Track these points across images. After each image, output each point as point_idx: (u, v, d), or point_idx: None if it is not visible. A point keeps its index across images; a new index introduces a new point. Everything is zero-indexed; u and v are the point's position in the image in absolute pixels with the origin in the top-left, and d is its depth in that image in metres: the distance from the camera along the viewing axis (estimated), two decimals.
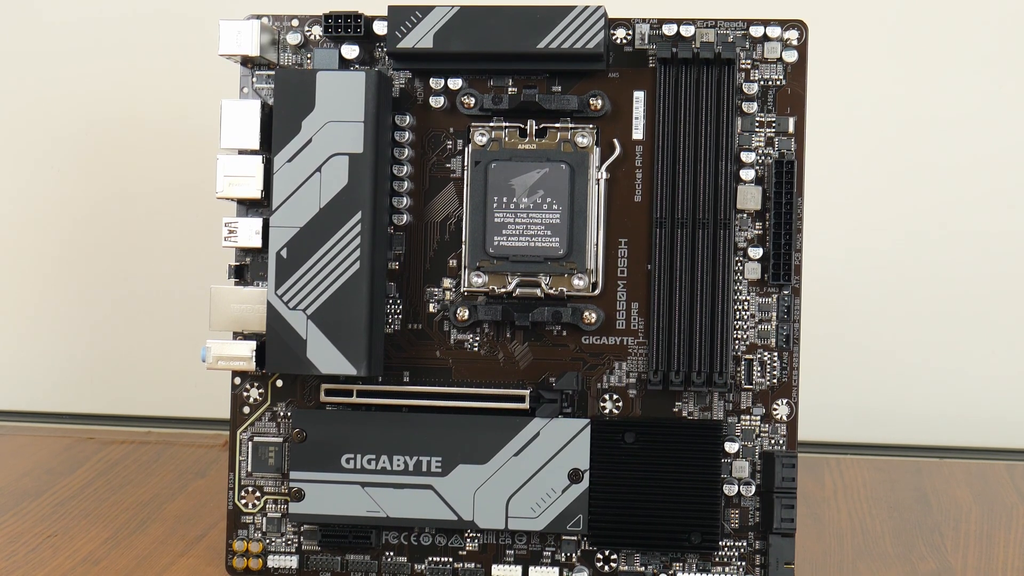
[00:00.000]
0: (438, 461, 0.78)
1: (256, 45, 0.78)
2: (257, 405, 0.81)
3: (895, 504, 0.96)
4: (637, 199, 0.78)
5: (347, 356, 0.76)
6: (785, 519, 0.77)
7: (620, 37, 0.79)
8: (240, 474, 0.81)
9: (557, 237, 0.78)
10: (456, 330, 0.80)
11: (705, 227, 0.77)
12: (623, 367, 0.79)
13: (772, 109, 0.78)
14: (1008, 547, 0.87)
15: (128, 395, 1.20)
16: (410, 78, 0.80)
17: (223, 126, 0.78)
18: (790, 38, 0.78)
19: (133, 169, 1.19)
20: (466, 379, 0.80)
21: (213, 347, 0.79)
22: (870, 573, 0.83)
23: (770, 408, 0.78)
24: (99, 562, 0.83)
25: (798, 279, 0.78)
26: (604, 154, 0.78)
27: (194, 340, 1.09)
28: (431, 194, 0.80)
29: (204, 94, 1.07)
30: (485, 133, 0.78)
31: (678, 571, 0.78)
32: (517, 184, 0.78)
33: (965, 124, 1.12)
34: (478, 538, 0.79)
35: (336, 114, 0.77)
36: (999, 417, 1.13)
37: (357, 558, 0.80)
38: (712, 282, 0.77)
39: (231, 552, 0.81)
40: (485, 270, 0.78)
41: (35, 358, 1.21)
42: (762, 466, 0.78)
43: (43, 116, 1.20)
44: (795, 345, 0.78)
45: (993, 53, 1.12)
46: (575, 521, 0.77)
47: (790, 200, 0.77)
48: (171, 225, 1.19)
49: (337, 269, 0.76)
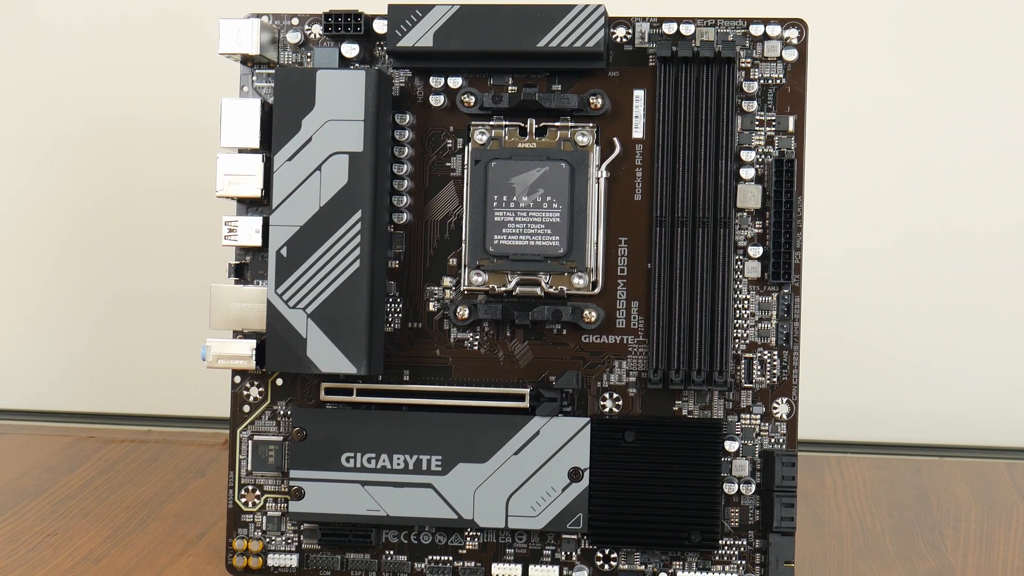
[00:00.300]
0: (438, 460, 0.78)
1: (256, 44, 0.78)
2: (257, 404, 0.81)
3: (895, 503, 0.96)
4: (637, 198, 0.78)
5: (347, 355, 0.76)
6: (785, 518, 0.77)
7: (620, 36, 0.79)
8: (240, 473, 0.81)
9: (557, 236, 0.78)
10: (456, 329, 0.80)
11: (705, 226, 0.77)
12: (623, 366, 0.79)
13: (772, 108, 0.78)
14: (1008, 546, 0.87)
15: (128, 394, 1.20)
16: (410, 77, 0.80)
17: (223, 125, 0.78)
18: (790, 37, 0.78)
19: (133, 168, 1.19)
20: (466, 378, 0.80)
21: (213, 346, 0.79)
22: (870, 572, 0.83)
23: (770, 407, 0.78)
24: (99, 561, 0.83)
25: (798, 278, 0.78)
26: (604, 153, 0.78)
27: (194, 339, 1.09)
28: (431, 193, 0.80)
29: (204, 93, 1.07)
30: (485, 132, 0.78)
31: (678, 570, 0.78)
32: (517, 183, 0.78)
33: (965, 123, 1.12)
34: (478, 537, 0.79)
35: (336, 113, 0.77)
36: (999, 416, 1.13)
37: (357, 557, 0.80)
38: (712, 281, 0.77)
39: (231, 551, 0.81)
40: (485, 269, 0.78)
41: (35, 357, 1.21)
42: (762, 465, 0.78)
43: (43, 115, 1.20)
44: (795, 344, 0.78)
45: (993, 52, 1.12)
46: (575, 520, 0.77)
47: (790, 199, 0.77)
48: (171, 224, 1.19)
49: (337, 268, 0.76)
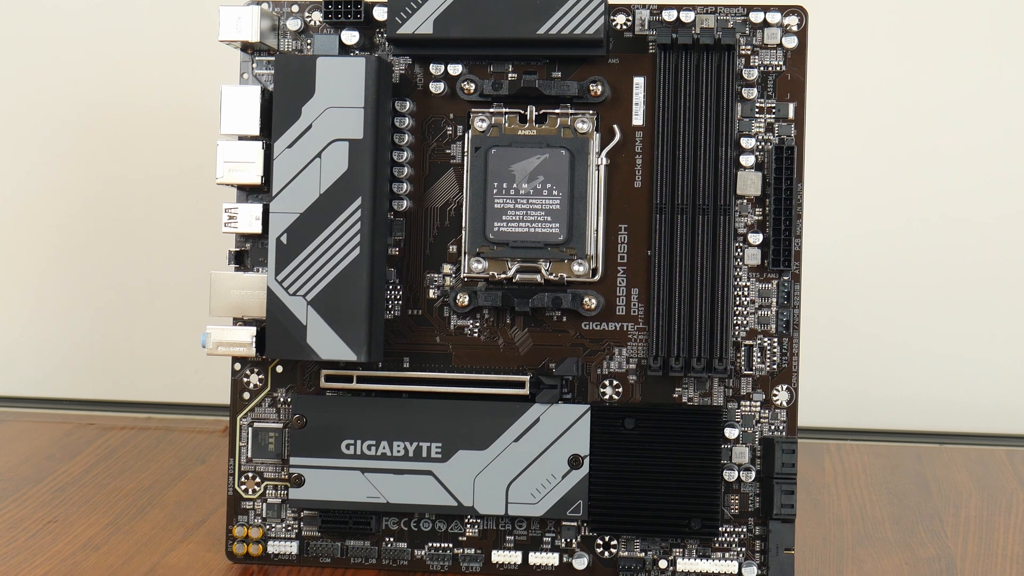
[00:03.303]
0: (438, 447, 0.78)
1: (256, 31, 0.78)
2: (257, 391, 0.81)
3: (895, 490, 0.96)
4: (637, 185, 0.78)
5: (347, 342, 0.76)
6: (785, 505, 0.77)
7: (620, 23, 0.79)
8: (240, 460, 0.81)
9: (557, 223, 0.78)
10: (456, 316, 0.80)
11: (705, 213, 0.77)
12: (623, 353, 0.79)
13: (772, 95, 0.78)
14: (1008, 533, 0.88)
15: (128, 381, 1.20)
16: (410, 64, 0.80)
17: (223, 112, 0.78)
18: (790, 24, 0.78)
19: (133, 155, 1.19)
20: (466, 365, 0.80)
21: (213, 333, 0.79)
22: (870, 559, 0.83)
23: (770, 394, 0.78)
24: (99, 548, 0.83)
25: (798, 265, 0.78)
26: (604, 140, 0.78)
27: (194, 326, 1.09)
28: (431, 180, 0.80)
29: (204, 80, 1.07)
30: (485, 119, 0.78)
31: (678, 557, 0.78)
32: (517, 170, 0.78)
33: (965, 110, 1.12)
34: (478, 524, 0.79)
35: (336, 100, 0.77)
36: (999, 403, 1.13)
37: (357, 544, 0.80)
38: (712, 268, 0.77)
39: (231, 538, 0.81)
40: (485, 256, 0.78)
41: (35, 344, 1.21)
42: (762, 452, 0.78)
43: (44, 103, 1.20)
44: (795, 331, 0.78)
45: (993, 39, 1.12)
46: (575, 507, 0.78)
47: (790, 186, 0.77)
48: (171, 211, 1.19)
49: (337, 255, 0.76)
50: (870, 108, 1.13)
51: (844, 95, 1.12)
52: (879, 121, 1.13)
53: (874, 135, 1.13)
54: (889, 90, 1.13)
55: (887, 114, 1.13)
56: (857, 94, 1.13)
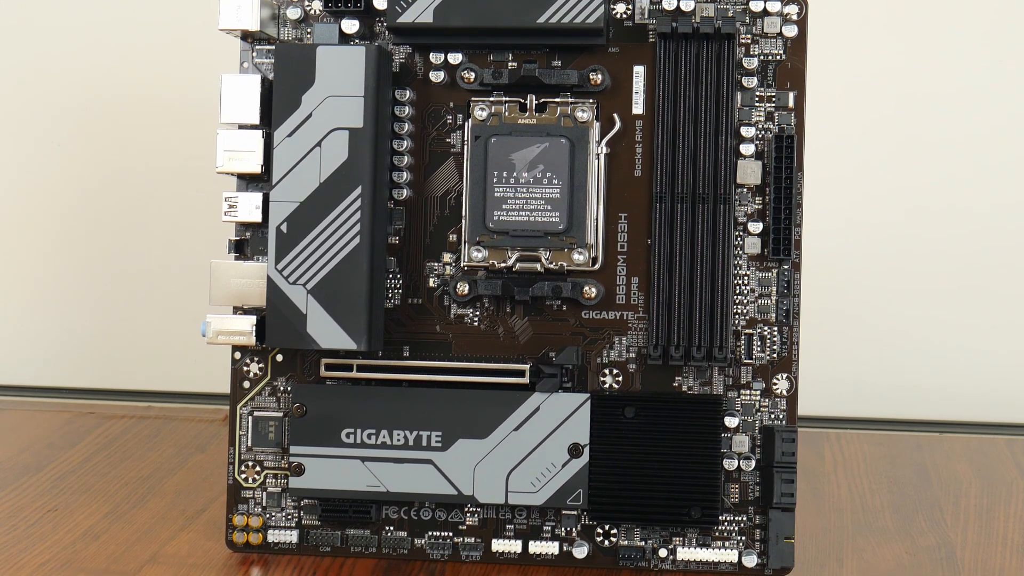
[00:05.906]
0: (438, 436, 0.78)
1: (256, 19, 0.78)
2: (257, 380, 0.81)
3: (895, 479, 0.96)
4: (637, 174, 0.78)
5: (347, 331, 0.76)
6: (785, 494, 0.77)
7: (620, 12, 0.78)
8: (240, 449, 0.81)
9: (557, 212, 0.78)
10: (456, 305, 0.80)
11: (705, 202, 0.77)
12: (623, 342, 0.79)
13: (772, 84, 0.78)
14: (1008, 522, 0.88)
15: (128, 370, 1.20)
16: (410, 53, 0.80)
17: (223, 101, 0.78)
18: (790, 12, 0.78)
19: (133, 144, 1.19)
20: (466, 354, 0.80)
21: (213, 322, 0.79)
22: (870, 548, 0.83)
23: (770, 383, 0.78)
24: (99, 536, 0.83)
25: (798, 254, 0.78)
26: (604, 129, 0.78)
27: (194, 315, 1.09)
28: (431, 169, 0.80)
29: (204, 69, 1.07)
30: (485, 108, 0.78)
31: (678, 546, 0.78)
32: (517, 159, 0.78)
33: (965, 98, 1.12)
34: (478, 513, 0.80)
35: (336, 89, 0.77)
36: (999, 392, 1.13)
37: (357, 533, 0.80)
38: (712, 257, 0.77)
39: (231, 527, 0.81)
40: (485, 245, 0.78)
41: (35, 333, 1.21)
42: (762, 441, 0.78)
43: (43, 92, 1.20)
44: (795, 320, 0.78)
45: (993, 27, 1.12)
46: (575, 496, 0.78)
47: (790, 175, 0.77)
48: (171, 200, 1.19)
49: (337, 244, 0.76)
50: (870, 97, 1.13)
51: (844, 84, 1.12)
52: (879, 110, 1.13)
53: (874, 124, 1.13)
54: (889, 79, 1.12)
55: (887, 103, 1.13)
56: (857, 83, 1.13)
